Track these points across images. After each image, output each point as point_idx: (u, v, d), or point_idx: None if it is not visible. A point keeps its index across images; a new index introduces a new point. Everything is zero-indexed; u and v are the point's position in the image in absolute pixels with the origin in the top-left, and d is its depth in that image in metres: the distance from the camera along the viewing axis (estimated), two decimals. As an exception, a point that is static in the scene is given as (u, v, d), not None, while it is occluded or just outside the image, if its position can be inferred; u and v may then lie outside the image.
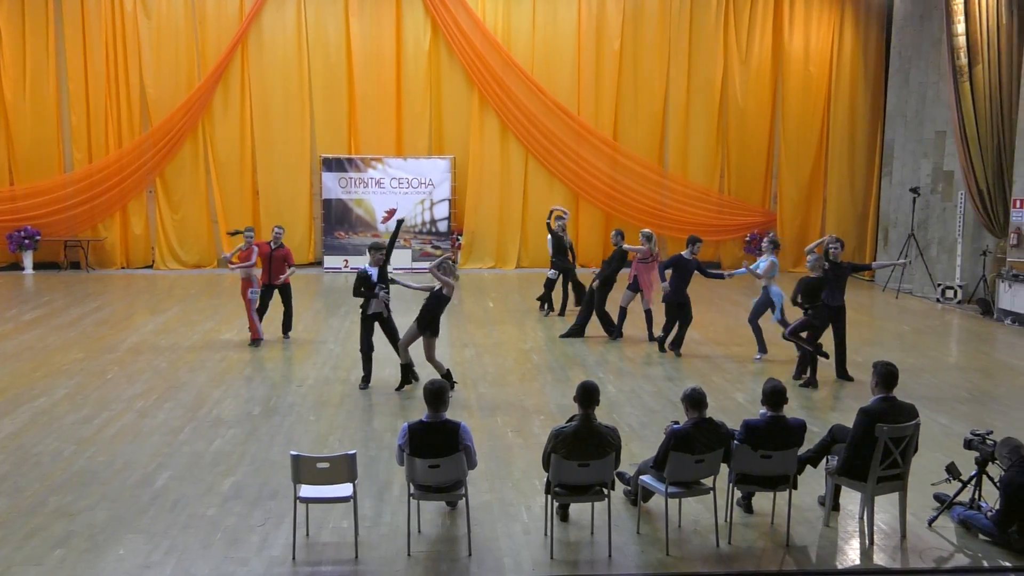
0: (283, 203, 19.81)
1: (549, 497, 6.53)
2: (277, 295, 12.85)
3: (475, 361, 11.94)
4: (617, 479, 6.97)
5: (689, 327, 12.46)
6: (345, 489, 6.41)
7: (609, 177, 20.17)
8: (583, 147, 20.12)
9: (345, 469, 6.31)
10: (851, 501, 7.18)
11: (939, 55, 17.12)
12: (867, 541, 6.72)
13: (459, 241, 20.21)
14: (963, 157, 16.23)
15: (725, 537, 6.68)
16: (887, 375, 6.74)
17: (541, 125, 20.01)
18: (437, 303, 10.05)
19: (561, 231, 14.70)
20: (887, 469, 6.59)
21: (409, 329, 10.23)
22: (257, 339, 12.56)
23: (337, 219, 19.67)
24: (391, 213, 19.55)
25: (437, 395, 6.40)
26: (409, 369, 10.43)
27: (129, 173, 19.33)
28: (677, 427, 6.58)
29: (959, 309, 16.40)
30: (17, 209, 19.00)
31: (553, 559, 6.38)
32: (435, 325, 10.12)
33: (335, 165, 19.56)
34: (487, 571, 6.22)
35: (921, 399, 9.18)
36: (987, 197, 16.05)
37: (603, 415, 7.21)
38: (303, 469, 6.29)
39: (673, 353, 12.36)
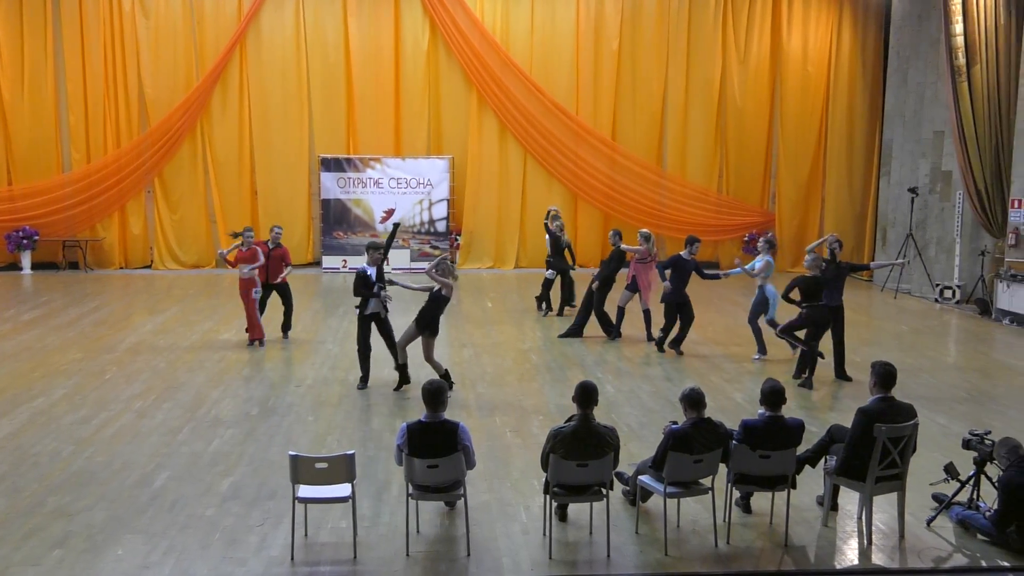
0: (281, 203, 19.81)
1: (548, 497, 6.53)
2: (275, 295, 12.86)
3: (474, 361, 11.94)
4: (616, 479, 6.97)
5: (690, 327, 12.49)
6: (343, 489, 6.41)
7: (607, 177, 20.17)
8: (581, 147, 20.12)
9: (344, 469, 6.31)
10: (850, 501, 7.19)
11: (937, 55, 17.13)
12: (865, 541, 6.73)
13: (457, 241, 20.22)
14: (961, 157, 16.24)
15: (724, 537, 6.69)
16: (885, 375, 6.74)
17: (539, 125, 20.01)
18: (436, 304, 10.04)
19: (559, 231, 14.69)
20: (885, 469, 6.60)
21: (407, 329, 10.22)
22: (260, 338, 12.57)
23: (336, 219, 19.66)
24: (390, 213, 19.56)
25: (435, 395, 6.40)
26: (403, 369, 10.40)
27: (127, 173, 19.32)
28: (676, 427, 6.58)
29: (957, 309, 16.42)
30: (15, 209, 18.99)
31: (552, 559, 6.38)
32: (434, 326, 10.11)
33: (333, 165, 19.56)
34: (486, 571, 6.22)
35: (919, 399, 9.19)
36: (985, 197, 16.06)
37: (602, 415, 7.21)
38: (302, 469, 6.29)
39: (674, 352, 12.36)
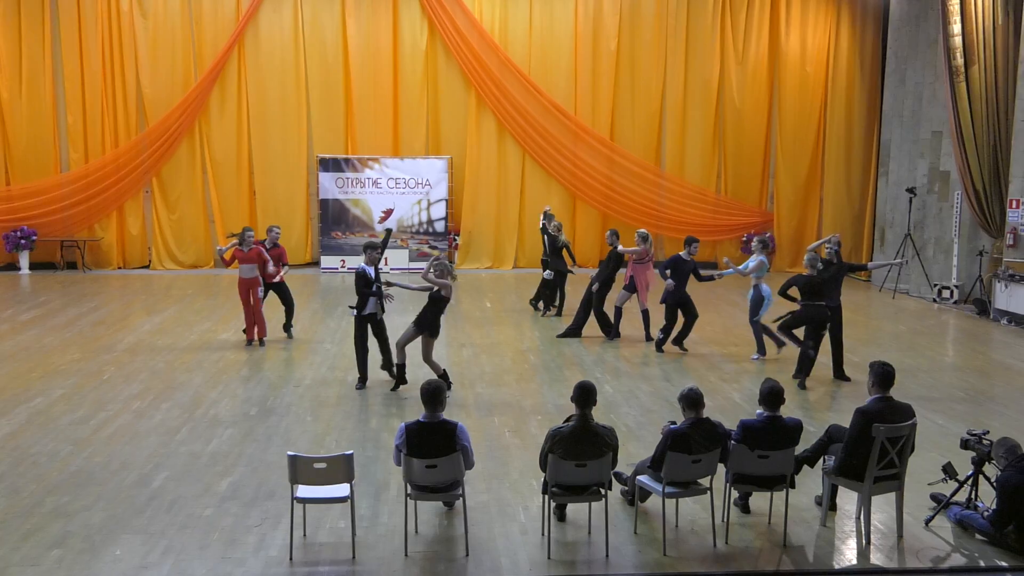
0: (280, 203, 19.80)
1: (546, 497, 6.54)
2: (273, 295, 12.83)
3: (472, 361, 11.94)
4: (614, 479, 6.98)
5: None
6: (342, 489, 6.41)
7: (606, 177, 20.17)
8: (580, 147, 20.13)
9: (342, 469, 6.31)
10: (848, 501, 7.20)
11: (935, 55, 17.14)
12: (864, 541, 6.73)
13: (456, 241, 20.21)
14: (959, 157, 16.25)
15: (722, 537, 6.69)
16: (884, 375, 6.75)
17: (538, 125, 20.01)
18: (437, 305, 10.02)
19: (557, 231, 14.68)
20: (884, 469, 6.60)
21: (407, 330, 10.20)
22: (263, 336, 12.58)
23: (334, 219, 19.65)
24: (388, 213, 19.56)
25: (434, 395, 6.40)
26: (401, 369, 10.39)
27: (126, 173, 19.30)
28: (674, 427, 6.58)
29: (955, 309, 16.43)
30: (13, 209, 18.96)
31: (550, 559, 6.38)
32: (435, 327, 10.11)
33: (332, 165, 19.54)
34: (484, 571, 6.22)
35: (918, 399, 9.20)
36: (983, 197, 16.07)
37: (600, 415, 7.22)
38: (300, 469, 6.29)
39: (677, 349, 12.42)
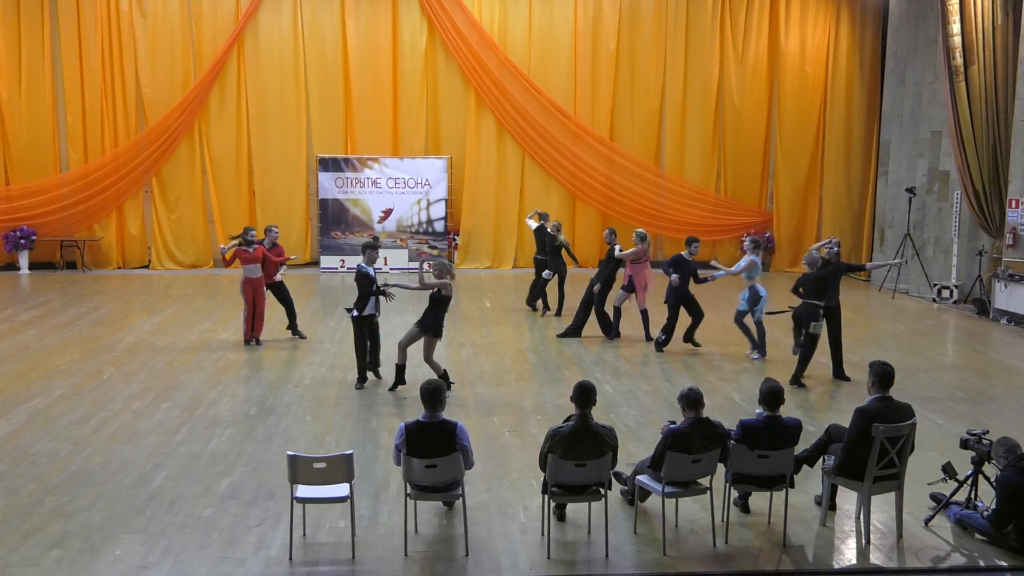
0: (279, 203, 19.80)
1: (546, 497, 6.54)
2: (271, 295, 12.80)
3: (472, 361, 11.93)
4: (614, 479, 6.98)
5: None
6: (342, 489, 6.41)
7: (605, 177, 20.17)
8: (579, 147, 20.12)
9: (342, 469, 6.31)
10: (848, 501, 7.20)
11: (935, 55, 17.14)
12: (863, 541, 6.74)
13: (456, 241, 20.21)
14: (959, 157, 16.26)
15: (722, 537, 6.69)
16: (883, 375, 6.75)
17: (537, 125, 20.01)
18: (439, 306, 10.01)
19: (556, 231, 14.68)
20: (883, 469, 6.60)
21: (410, 330, 10.19)
22: (258, 336, 12.60)
23: (333, 219, 19.64)
24: (387, 213, 19.56)
25: (434, 395, 6.40)
26: (400, 370, 10.38)
27: (125, 173, 19.29)
28: (674, 427, 6.58)
29: (955, 309, 16.43)
30: (13, 209, 18.95)
31: (550, 559, 6.38)
32: (438, 327, 10.10)
33: (331, 165, 19.54)
34: (484, 571, 6.22)
35: (917, 399, 9.21)
36: (983, 197, 16.08)
37: (600, 415, 7.22)
38: (300, 469, 6.29)
39: (691, 346, 12.54)
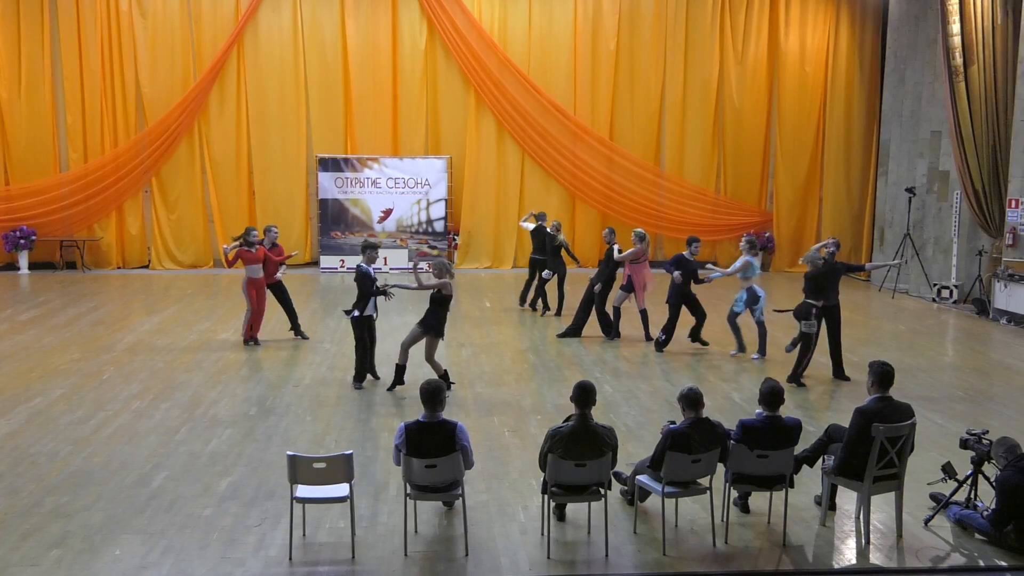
0: (279, 203, 19.79)
1: (546, 497, 6.54)
2: (271, 295, 12.80)
3: (472, 361, 11.93)
4: (614, 479, 6.98)
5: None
6: (342, 489, 6.41)
7: (605, 177, 20.17)
8: (579, 147, 20.12)
9: (342, 469, 6.31)
10: (847, 501, 7.20)
11: (934, 55, 17.14)
12: (863, 541, 6.74)
13: (455, 241, 20.22)
14: (959, 157, 16.26)
15: (722, 537, 6.69)
16: (883, 375, 6.75)
17: (537, 125, 20.01)
18: (441, 306, 10.01)
19: (555, 230, 14.67)
20: (883, 469, 6.60)
21: (412, 331, 10.19)
22: (255, 336, 12.61)
23: (333, 219, 19.64)
24: (387, 213, 19.56)
25: (434, 395, 6.40)
26: (400, 370, 10.38)
27: (125, 173, 19.28)
28: (674, 427, 6.58)
29: (955, 309, 16.43)
30: (13, 209, 18.94)
31: (550, 559, 6.38)
32: (440, 327, 10.11)
33: (331, 165, 19.54)
34: (484, 571, 6.22)
35: (917, 399, 9.20)
36: (983, 197, 16.08)
37: (600, 415, 7.22)
38: (300, 469, 6.29)
39: (699, 345, 12.56)
